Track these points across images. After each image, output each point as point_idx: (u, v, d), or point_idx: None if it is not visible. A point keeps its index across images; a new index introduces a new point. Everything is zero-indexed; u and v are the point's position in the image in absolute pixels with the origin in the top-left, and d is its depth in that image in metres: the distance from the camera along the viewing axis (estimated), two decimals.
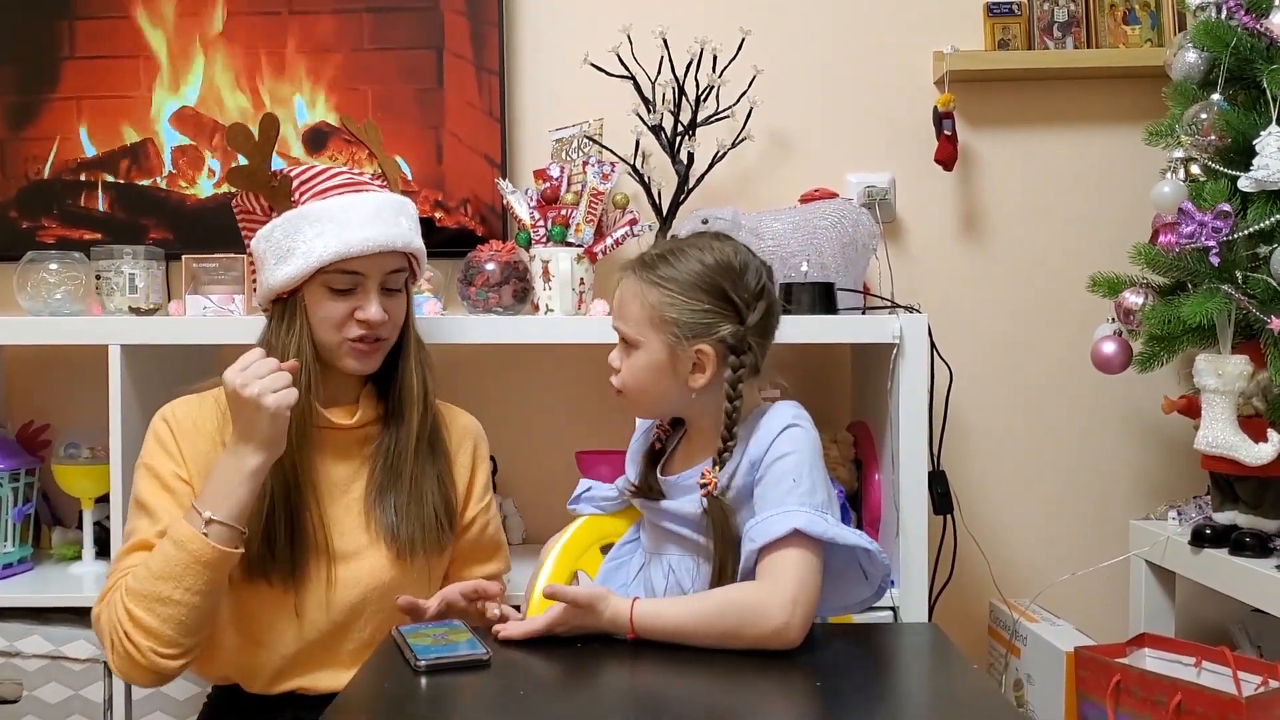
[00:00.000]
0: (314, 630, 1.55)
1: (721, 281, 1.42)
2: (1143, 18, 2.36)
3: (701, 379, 1.42)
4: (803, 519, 1.33)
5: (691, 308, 1.41)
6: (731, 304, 1.42)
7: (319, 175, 1.60)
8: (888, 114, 2.42)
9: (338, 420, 1.60)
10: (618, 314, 1.46)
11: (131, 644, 1.43)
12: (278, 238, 1.55)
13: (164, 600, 1.41)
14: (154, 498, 1.52)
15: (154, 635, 1.42)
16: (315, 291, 1.55)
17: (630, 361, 1.44)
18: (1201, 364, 1.82)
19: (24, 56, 2.38)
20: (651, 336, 1.42)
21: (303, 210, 1.55)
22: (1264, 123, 1.81)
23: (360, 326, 1.55)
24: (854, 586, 1.42)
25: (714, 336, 1.40)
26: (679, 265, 1.42)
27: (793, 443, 1.39)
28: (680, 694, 1.24)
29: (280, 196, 1.58)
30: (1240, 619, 2.17)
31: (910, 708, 1.23)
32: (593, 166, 2.17)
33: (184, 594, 1.41)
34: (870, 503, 2.11)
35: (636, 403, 1.48)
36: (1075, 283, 2.17)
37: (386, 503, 1.58)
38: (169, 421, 1.57)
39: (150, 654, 1.43)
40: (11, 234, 2.38)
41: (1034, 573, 2.37)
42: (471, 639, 1.28)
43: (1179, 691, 1.64)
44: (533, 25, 2.42)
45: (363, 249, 1.53)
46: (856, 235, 2.12)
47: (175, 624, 1.42)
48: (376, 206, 1.57)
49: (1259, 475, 1.84)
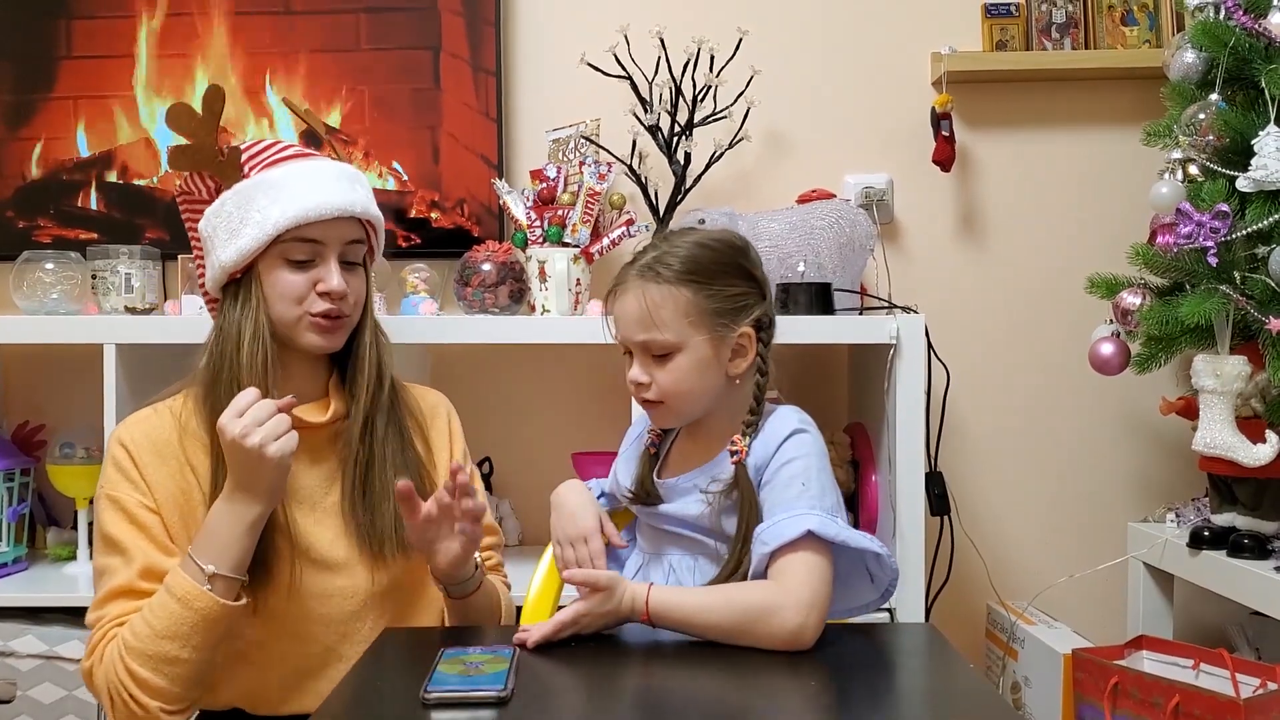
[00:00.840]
0: (314, 646, 1.48)
1: (739, 259, 1.41)
2: (1140, 18, 2.36)
3: (743, 363, 1.40)
4: (815, 521, 1.32)
5: (726, 293, 1.38)
6: (754, 280, 1.41)
7: (269, 147, 1.51)
8: (885, 115, 2.42)
9: (308, 418, 1.48)
10: (642, 327, 1.39)
11: (138, 705, 1.36)
12: (229, 210, 1.45)
13: (171, 660, 1.35)
14: (123, 534, 1.42)
15: (162, 694, 1.35)
16: (272, 264, 1.45)
17: (670, 368, 1.38)
18: (1200, 365, 1.82)
19: (20, 56, 2.38)
20: (692, 335, 1.38)
21: (255, 180, 1.46)
22: (1262, 123, 1.81)
23: (322, 300, 1.45)
24: (860, 590, 1.42)
25: (751, 317, 1.40)
26: (694, 257, 1.39)
27: (800, 447, 1.39)
28: (679, 693, 1.23)
29: (229, 170, 1.48)
30: (1238, 621, 2.17)
31: (908, 708, 1.23)
32: (589, 167, 2.16)
33: (191, 652, 1.35)
34: (867, 504, 2.11)
35: (678, 409, 1.42)
36: (1073, 283, 2.16)
37: (366, 507, 1.49)
38: (127, 446, 1.45)
39: (159, 713, 1.36)
40: (7, 233, 2.37)
41: (1032, 574, 2.36)
42: (503, 673, 1.16)
43: (1177, 693, 1.64)
44: (530, 25, 2.42)
45: (320, 213, 1.43)
46: (854, 236, 2.12)
47: (183, 681, 1.37)
48: (333, 173, 1.49)
49: (1257, 477, 1.84)
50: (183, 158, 1.51)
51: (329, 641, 1.48)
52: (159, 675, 1.35)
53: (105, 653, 1.39)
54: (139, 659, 1.36)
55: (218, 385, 1.43)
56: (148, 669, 1.35)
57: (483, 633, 1.51)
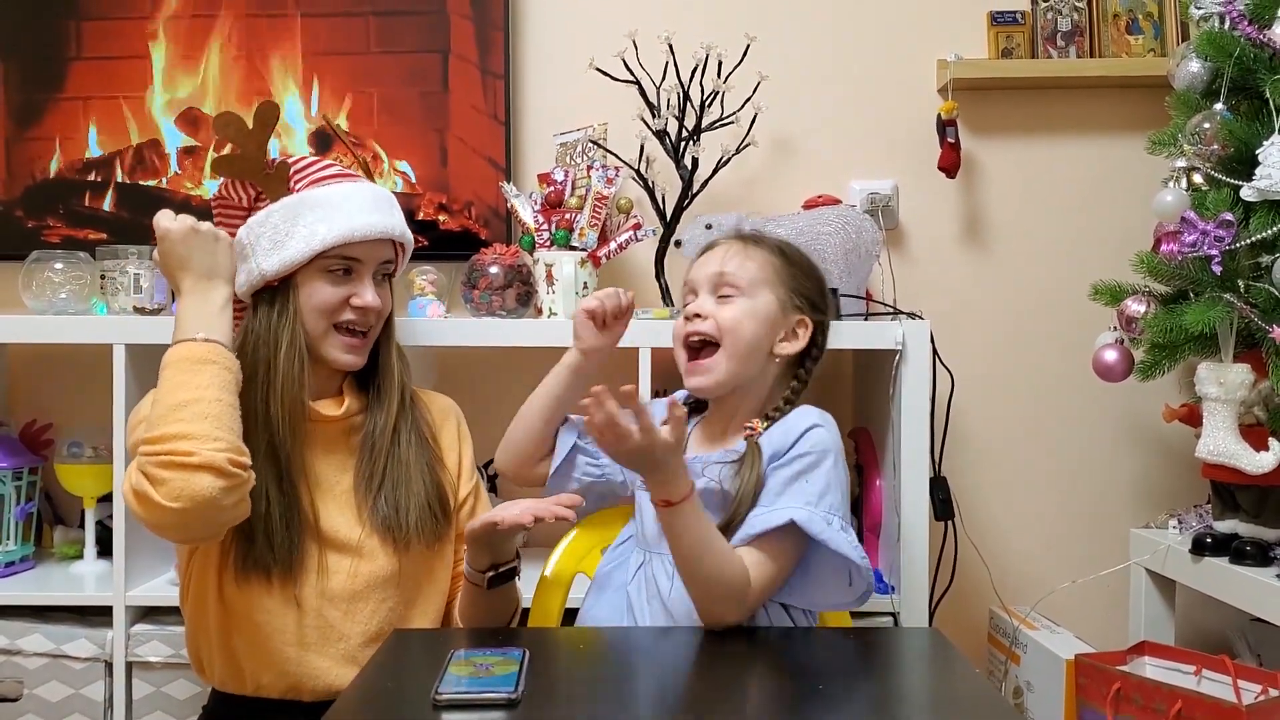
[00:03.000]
0: (316, 625, 1.54)
1: (819, 273, 1.58)
2: (1146, 27, 2.37)
3: (789, 348, 1.51)
4: (802, 515, 1.37)
5: (804, 284, 1.54)
6: (825, 298, 1.56)
7: (314, 165, 1.63)
8: (891, 121, 2.43)
9: (325, 412, 1.60)
10: (727, 263, 1.51)
11: (169, 456, 1.34)
12: (275, 222, 1.56)
13: (182, 404, 1.38)
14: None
15: (187, 437, 1.35)
16: (310, 277, 1.57)
17: (735, 305, 1.49)
18: (1203, 373, 1.83)
19: (31, 56, 2.39)
20: (765, 291, 1.50)
21: (302, 196, 1.57)
22: (1266, 132, 1.81)
23: (354, 313, 1.58)
24: (838, 589, 1.45)
25: (815, 315, 1.53)
26: (791, 250, 1.56)
27: (814, 443, 1.44)
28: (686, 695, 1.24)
29: (276, 183, 1.59)
30: (1240, 627, 2.17)
31: (914, 711, 1.24)
32: (597, 171, 2.17)
33: (199, 390, 1.39)
34: (871, 508, 2.12)
35: (729, 351, 1.48)
36: (1077, 290, 2.17)
37: (377, 492, 1.59)
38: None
39: (199, 452, 1.34)
40: (17, 233, 2.38)
41: (1034, 580, 2.37)
42: (513, 675, 1.17)
43: (1179, 699, 1.64)
44: (538, 29, 2.43)
45: (365, 234, 1.57)
46: (859, 241, 2.13)
47: (204, 419, 1.37)
48: (374, 196, 1.62)
49: (1260, 484, 1.84)
50: (229, 166, 1.61)
51: (328, 621, 1.55)
52: (178, 423, 1.36)
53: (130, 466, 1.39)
54: (154, 425, 1.38)
55: (252, 386, 1.52)
56: (165, 425, 1.36)
57: (493, 635, 1.53)
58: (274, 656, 1.54)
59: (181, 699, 1.99)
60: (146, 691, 1.99)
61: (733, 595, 1.37)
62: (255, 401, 1.51)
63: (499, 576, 1.54)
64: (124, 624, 1.98)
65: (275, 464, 1.51)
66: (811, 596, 1.45)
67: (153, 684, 1.99)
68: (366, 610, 1.57)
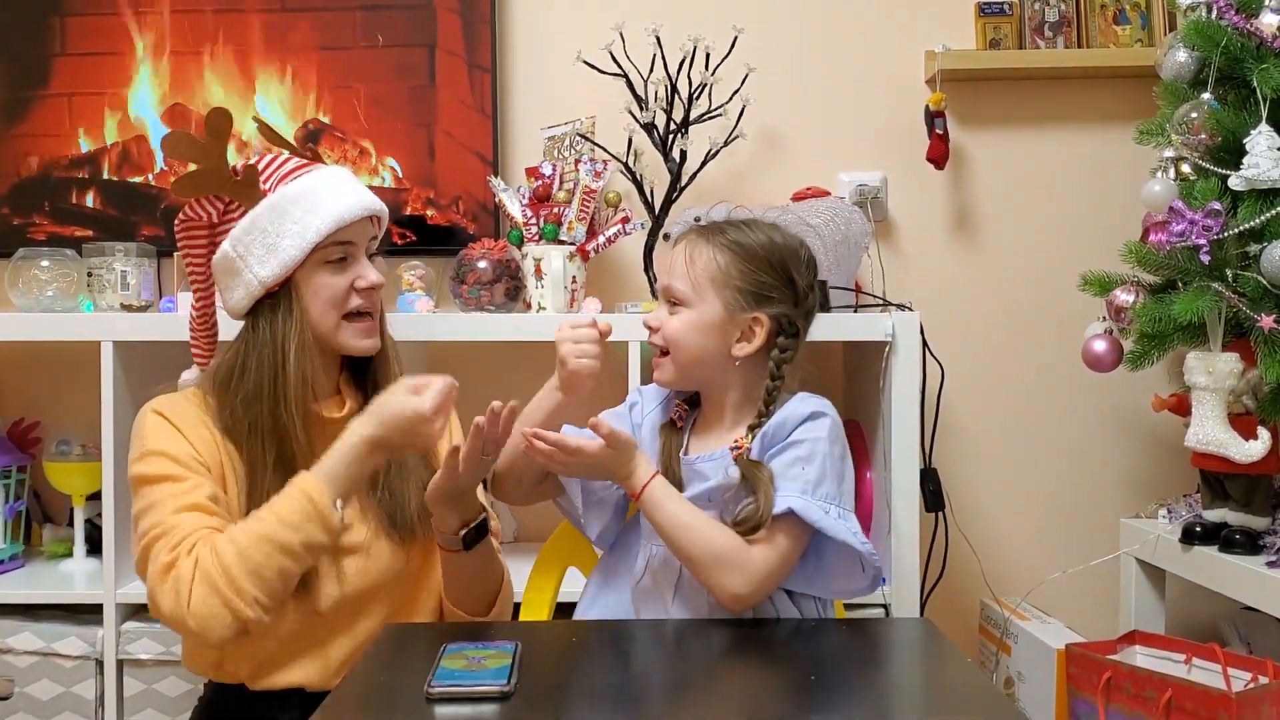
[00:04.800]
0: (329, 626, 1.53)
1: (788, 261, 1.48)
2: (1133, 18, 2.37)
3: (747, 349, 1.47)
4: (799, 503, 1.37)
5: (756, 277, 1.46)
6: (792, 285, 1.48)
7: (276, 160, 1.57)
8: (880, 113, 2.43)
9: (327, 414, 1.57)
10: (672, 273, 1.49)
11: (233, 612, 1.37)
12: (262, 226, 1.50)
13: (281, 570, 1.39)
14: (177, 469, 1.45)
15: (257, 604, 1.38)
16: (311, 271, 1.52)
17: (680, 317, 1.47)
18: (1192, 362, 1.83)
19: (15, 53, 2.38)
20: (710, 296, 1.46)
21: (280, 194, 1.51)
22: (1254, 122, 1.82)
23: (360, 295, 1.55)
24: (851, 576, 1.45)
25: (769, 310, 1.46)
26: (750, 235, 1.48)
27: (812, 430, 1.44)
28: (679, 688, 1.24)
29: (247, 189, 1.52)
30: (1230, 616, 2.18)
31: (906, 700, 1.24)
32: (585, 164, 2.17)
33: (299, 561, 1.41)
34: (862, 500, 2.12)
35: (676, 361, 1.48)
36: (1066, 281, 2.17)
37: (380, 490, 1.57)
38: (164, 413, 1.50)
39: (250, 617, 1.38)
40: (2, 230, 2.37)
41: (1025, 570, 2.37)
42: (506, 668, 1.17)
43: (1169, 688, 1.65)
44: (525, 23, 2.42)
45: (354, 215, 1.53)
46: (848, 233, 2.13)
47: (283, 589, 1.40)
48: (345, 176, 1.58)
49: (1249, 473, 1.85)
50: (193, 184, 1.51)
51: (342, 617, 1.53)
52: (261, 586, 1.38)
53: (197, 546, 1.40)
54: (251, 539, 1.39)
55: (259, 400, 1.49)
56: (253, 582, 1.38)
57: (486, 628, 1.53)
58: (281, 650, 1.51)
59: (173, 696, 1.98)
60: (137, 689, 1.99)
61: (728, 562, 1.37)
62: (263, 414, 1.48)
63: (472, 533, 1.52)
64: (114, 622, 1.97)
65: (287, 475, 1.47)
66: (827, 584, 1.45)
67: (144, 681, 1.99)
68: (374, 608, 1.56)
